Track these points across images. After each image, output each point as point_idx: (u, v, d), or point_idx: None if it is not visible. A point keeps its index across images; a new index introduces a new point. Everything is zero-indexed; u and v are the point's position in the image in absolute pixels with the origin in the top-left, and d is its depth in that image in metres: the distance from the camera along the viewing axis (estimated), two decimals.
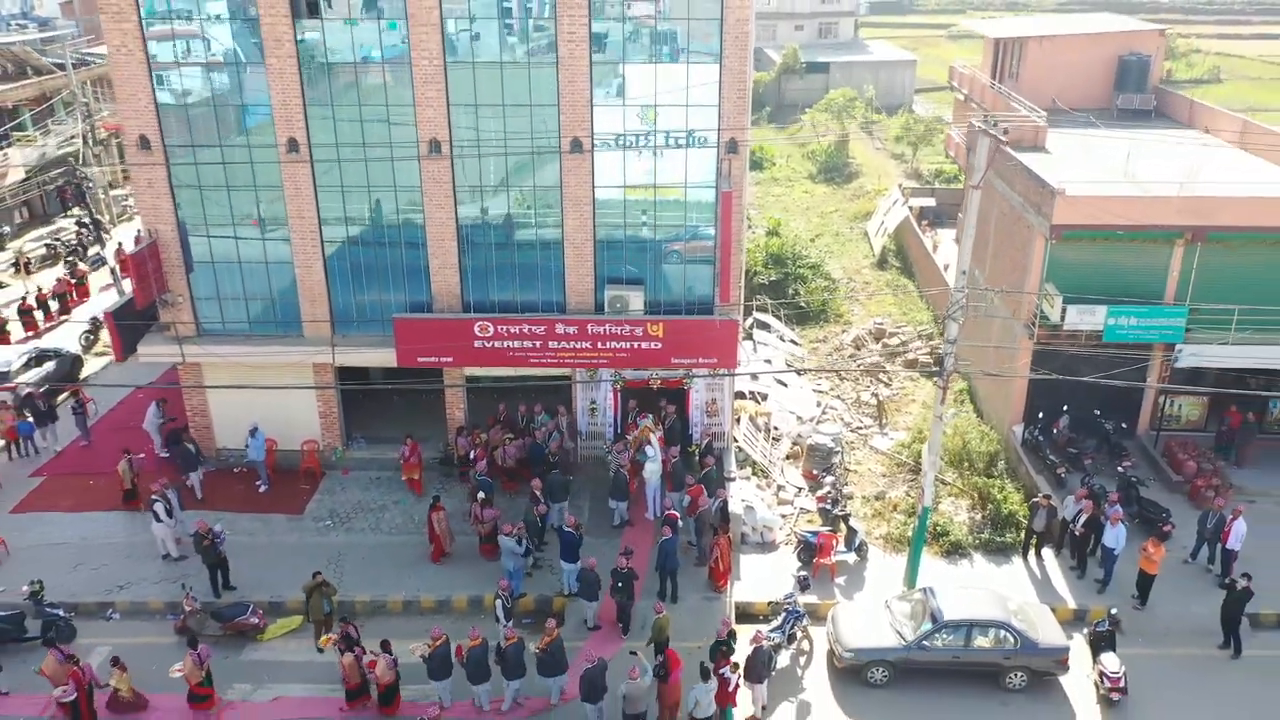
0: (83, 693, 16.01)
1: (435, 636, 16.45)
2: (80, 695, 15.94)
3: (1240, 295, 22.12)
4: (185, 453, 22.13)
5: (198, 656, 16.46)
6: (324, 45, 19.94)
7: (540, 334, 21.31)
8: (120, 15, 19.52)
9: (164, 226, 21.12)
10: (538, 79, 20.18)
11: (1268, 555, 20.07)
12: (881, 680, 17.31)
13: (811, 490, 22.73)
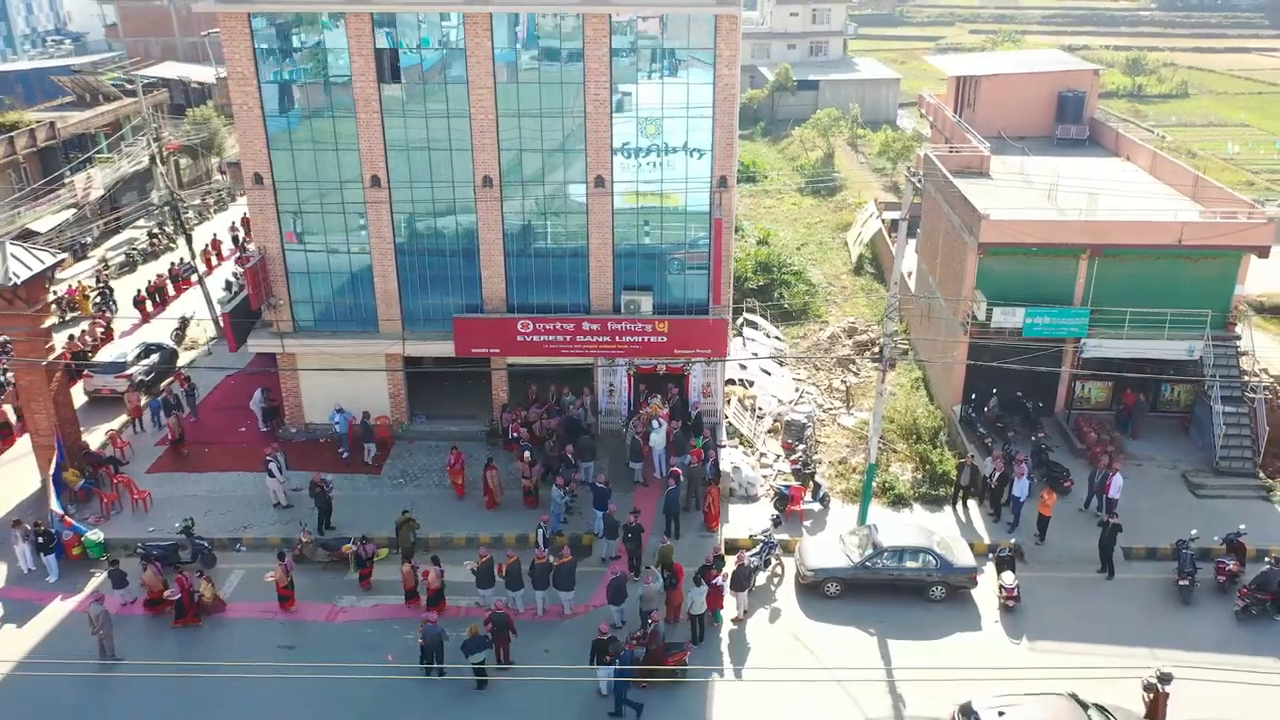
0: (185, 594, 21.47)
1: (482, 556, 21.91)
2: (184, 595, 21.41)
3: (1131, 299, 27.57)
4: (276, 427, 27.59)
5: (285, 567, 21.97)
6: (401, 103, 25.36)
7: (570, 330, 26.78)
8: (243, 80, 24.93)
9: (271, 245, 26.54)
10: (569, 129, 25.64)
11: (1144, 504, 25.49)
12: (835, 593, 22.72)
13: (787, 457, 28.13)
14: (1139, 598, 23.02)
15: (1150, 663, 19.82)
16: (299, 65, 25.18)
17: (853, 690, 20.02)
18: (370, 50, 24.66)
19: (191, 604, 21.77)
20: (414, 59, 24.98)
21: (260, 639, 21.49)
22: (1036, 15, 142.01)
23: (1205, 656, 20.90)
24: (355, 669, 19.66)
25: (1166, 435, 29.05)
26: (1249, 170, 63.57)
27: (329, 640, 21.41)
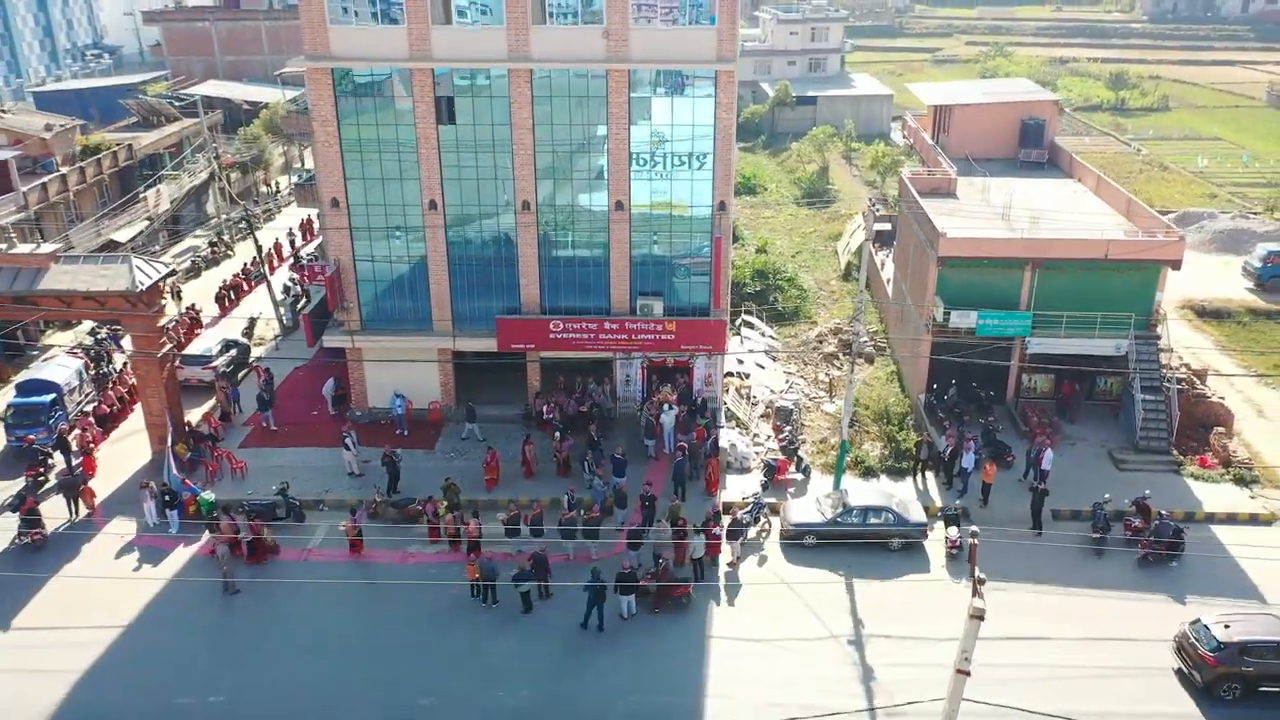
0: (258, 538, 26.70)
1: (510, 510, 27.16)
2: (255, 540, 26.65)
3: (1068, 304, 32.67)
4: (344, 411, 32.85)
5: (355, 521, 27.21)
6: (456, 140, 30.57)
7: (593, 329, 31.99)
8: (325, 122, 30.18)
9: (344, 258, 31.79)
10: (594, 161, 30.86)
11: (1074, 476, 30.49)
12: (812, 543, 27.85)
13: (776, 436, 33.28)
14: (1062, 551, 28.04)
15: (1065, 599, 25.09)
16: (371, 109, 30.39)
17: (823, 616, 25.15)
18: (431, 97, 29.90)
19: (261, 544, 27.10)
20: (467, 104, 30.21)
21: (344, 576, 26.73)
22: (1031, 27, 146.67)
23: (1110, 592, 26.06)
24: (426, 597, 24.91)
25: (1099, 419, 34.16)
26: (1214, 184, 68.45)
27: (402, 576, 26.62)
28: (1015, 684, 21.87)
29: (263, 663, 23.59)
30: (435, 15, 29.06)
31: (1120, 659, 23.59)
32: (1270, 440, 34.02)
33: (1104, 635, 24.29)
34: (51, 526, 28.34)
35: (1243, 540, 28.40)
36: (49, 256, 30.03)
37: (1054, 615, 25.16)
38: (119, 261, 30.22)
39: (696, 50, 29.15)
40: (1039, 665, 23.36)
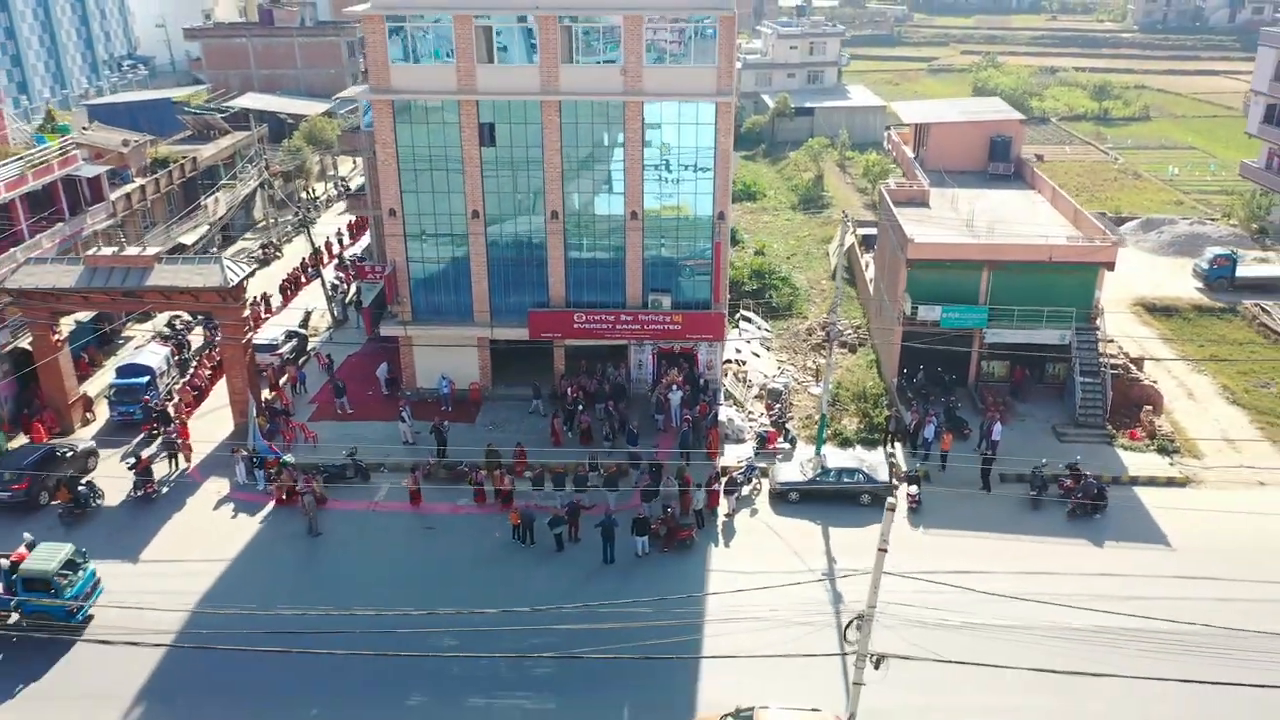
0: (312, 490, 32.09)
1: (535, 469, 32.64)
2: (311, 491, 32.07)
3: (1020, 300, 37.99)
4: (396, 391, 38.35)
5: (415, 477, 32.69)
6: (496, 159, 36.03)
7: (611, 320, 37.42)
8: (385, 144, 35.67)
9: (399, 259, 37.28)
10: (612, 177, 36.31)
11: (1021, 446, 35.74)
12: (795, 499, 33.24)
13: (768, 413, 38.68)
14: (1005, 506, 33.46)
15: (1004, 543, 30.40)
16: (424, 133, 35.85)
17: (803, 556, 30.52)
18: (475, 123, 35.38)
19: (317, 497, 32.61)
20: (505, 130, 35.67)
21: (405, 524, 32.22)
22: (1025, 36, 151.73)
23: (1042, 538, 31.42)
24: (475, 539, 30.38)
25: (1047, 400, 39.53)
26: (1182, 191, 73.64)
27: (453, 523, 32.11)
28: (964, 604, 27.17)
29: (342, 588, 28.92)
30: (480, 55, 34.54)
31: (1044, 586, 28.86)
32: (1196, 418, 39.37)
33: (1034, 570, 29.58)
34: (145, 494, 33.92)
35: (1159, 499, 33.84)
36: (153, 258, 35.60)
37: (994, 556, 30.44)
38: (211, 262, 35.76)
39: (699, 85, 34.61)
40: (980, 592, 28.64)
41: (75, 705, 24.52)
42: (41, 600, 25.92)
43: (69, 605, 26.33)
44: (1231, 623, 24.64)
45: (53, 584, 26.08)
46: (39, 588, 26.04)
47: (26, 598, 25.98)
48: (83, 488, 32.25)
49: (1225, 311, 49.68)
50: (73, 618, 26.40)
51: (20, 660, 25.79)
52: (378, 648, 24.48)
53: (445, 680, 25.25)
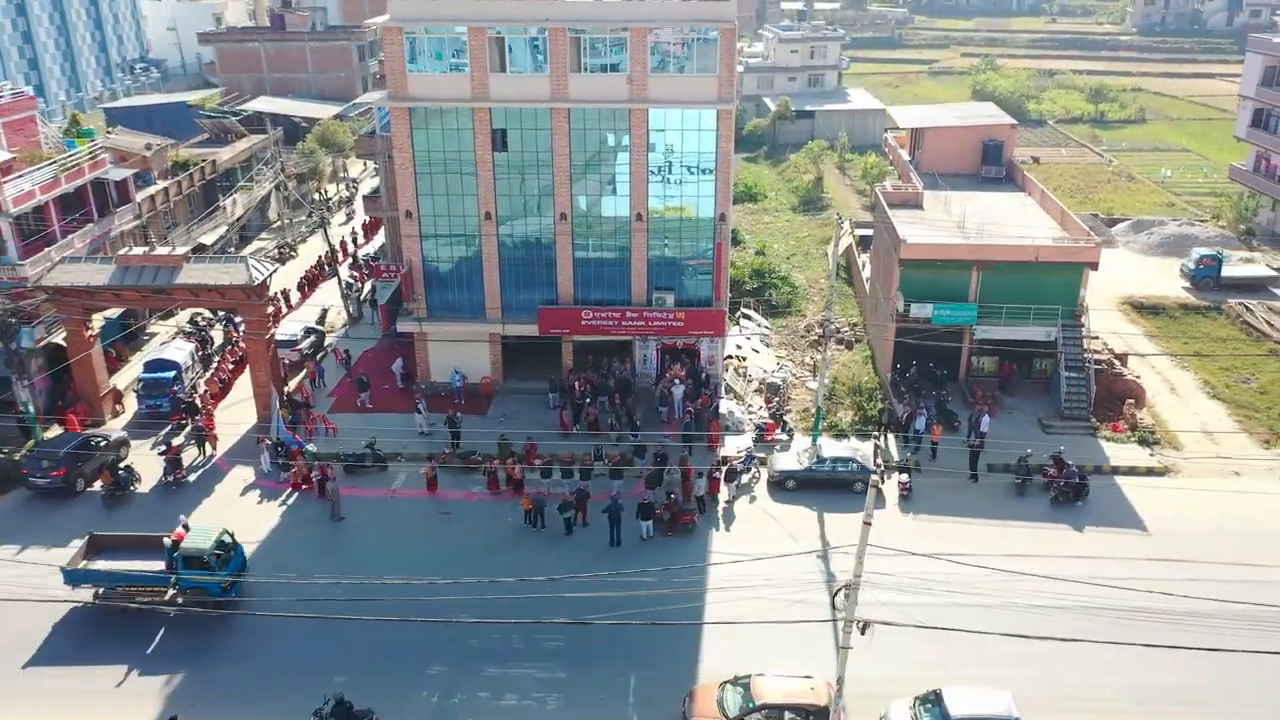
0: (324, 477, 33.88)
1: (545, 459, 34.36)
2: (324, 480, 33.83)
3: (1007, 298, 39.73)
4: (411, 384, 40.15)
5: (432, 466, 34.47)
6: (507, 163, 37.82)
7: (617, 317, 39.20)
8: (403, 149, 37.46)
9: (415, 259, 39.08)
10: (619, 180, 38.09)
11: (1008, 436, 37.49)
12: (792, 486, 35.00)
13: (766, 405, 40.43)
14: (992, 493, 35.23)
15: (989, 529, 32.08)
16: (439, 139, 37.65)
17: (799, 539, 32.27)
18: (488, 129, 37.18)
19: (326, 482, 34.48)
20: (516, 135, 37.47)
21: (422, 509, 34.02)
22: (1025, 39, 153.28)
23: (1027, 522, 33.15)
24: (488, 524, 32.17)
25: (1034, 393, 41.26)
26: (1173, 193, 75.31)
27: (467, 509, 33.91)
28: (951, 583, 28.87)
29: (365, 568, 30.60)
30: (493, 65, 36.35)
31: (1027, 567, 30.54)
32: (1177, 412, 41.11)
33: (1017, 553, 31.27)
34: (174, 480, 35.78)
35: (1138, 487, 35.57)
36: (182, 257, 37.44)
37: (980, 540, 32.14)
38: (237, 261, 37.58)
39: (702, 93, 36.39)
40: (967, 572, 30.37)
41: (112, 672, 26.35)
42: (199, 577, 27.75)
43: (223, 582, 28.17)
44: (1201, 601, 26.29)
45: (209, 562, 27.93)
46: (197, 565, 27.89)
47: (186, 574, 27.81)
48: (123, 472, 34.07)
49: (1210, 310, 51.40)
50: (226, 594, 28.25)
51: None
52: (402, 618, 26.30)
53: (463, 651, 27.06)
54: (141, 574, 28.31)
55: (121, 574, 28.38)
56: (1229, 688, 25.87)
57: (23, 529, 32.48)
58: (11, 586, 26.74)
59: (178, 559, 28.06)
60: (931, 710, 23.92)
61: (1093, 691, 26.02)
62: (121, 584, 28.39)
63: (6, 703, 25.36)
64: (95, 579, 28.46)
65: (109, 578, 28.42)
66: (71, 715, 25.00)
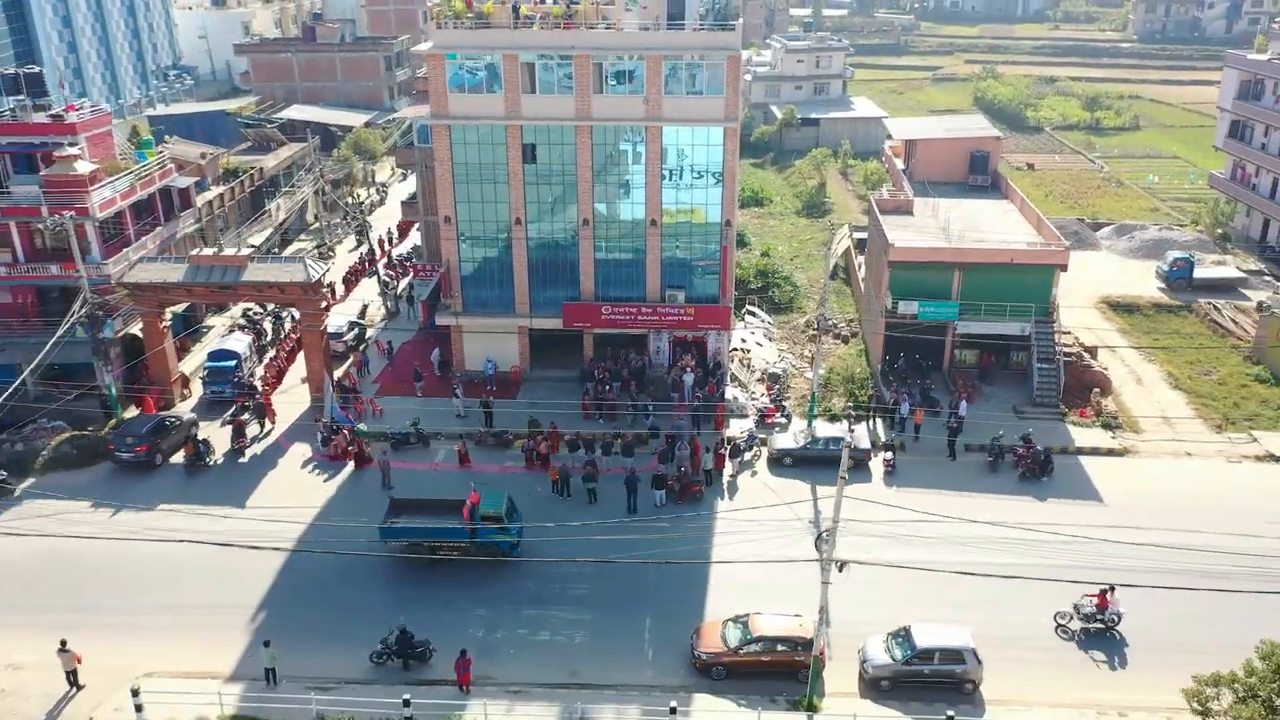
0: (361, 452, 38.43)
1: (565, 436, 38.83)
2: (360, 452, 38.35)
3: (986, 296, 43.99)
4: (447, 372, 44.71)
5: (464, 445, 38.97)
6: (536, 174, 42.31)
7: (633, 312, 43.66)
8: (443, 161, 41.99)
9: (452, 259, 43.62)
10: (636, 189, 42.55)
11: (985, 422, 41.67)
12: (789, 463, 39.36)
13: (768, 393, 44.80)
14: (967, 470, 39.50)
15: (963, 503, 36.34)
16: (476, 152, 42.16)
17: (795, 509, 36.58)
18: (519, 144, 41.66)
19: (363, 457, 38.95)
20: (545, 149, 41.97)
21: (461, 480, 38.35)
22: (1028, 46, 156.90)
23: (996, 494, 37.42)
24: (519, 493, 36.65)
25: (1011, 383, 45.53)
26: (1159, 198, 79.33)
27: (501, 481, 38.34)
28: (931, 544, 33.18)
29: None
30: (524, 86, 40.84)
31: (995, 531, 34.78)
32: (1141, 400, 45.31)
33: (987, 520, 35.52)
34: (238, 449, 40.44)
35: (1098, 465, 39.81)
36: (246, 257, 42.06)
37: (955, 509, 36.37)
38: (295, 261, 42.17)
39: (709, 112, 40.81)
40: (945, 533, 34.60)
41: (199, 613, 30.93)
42: (495, 533, 32.24)
43: (513, 539, 32.77)
44: (1146, 560, 30.50)
45: (504, 521, 32.48)
46: (493, 523, 32.36)
47: (485, 533, 32.23)
48: (202, 445, 38.75)
49: (1181, 309, 55.52)
50: (515, 549, 32.89)
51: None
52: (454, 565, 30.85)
53: (504, 597, 31.55)
54: (445, 529, 32.31)
55: (429, 529, 32.42)
56: (1159, 628, 30.12)
57: (117, 495, 37.04)
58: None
59: (477, 518, 32.25)
60: (902, 643, 28.29)
61: (1039, 631, 30.36)
62: (428, 539, 32.46)
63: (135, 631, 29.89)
64: (406, 534, 32.53)
65: (418, 533, 32.47)
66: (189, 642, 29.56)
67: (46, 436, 39.64)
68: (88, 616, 30.10)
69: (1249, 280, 58.23)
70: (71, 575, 32.57)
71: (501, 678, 28.30)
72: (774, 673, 28.31)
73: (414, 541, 32.73)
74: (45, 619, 29.83)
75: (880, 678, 27.99)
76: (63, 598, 31.43)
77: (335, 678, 28.08)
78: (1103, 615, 29.96)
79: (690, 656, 28.94)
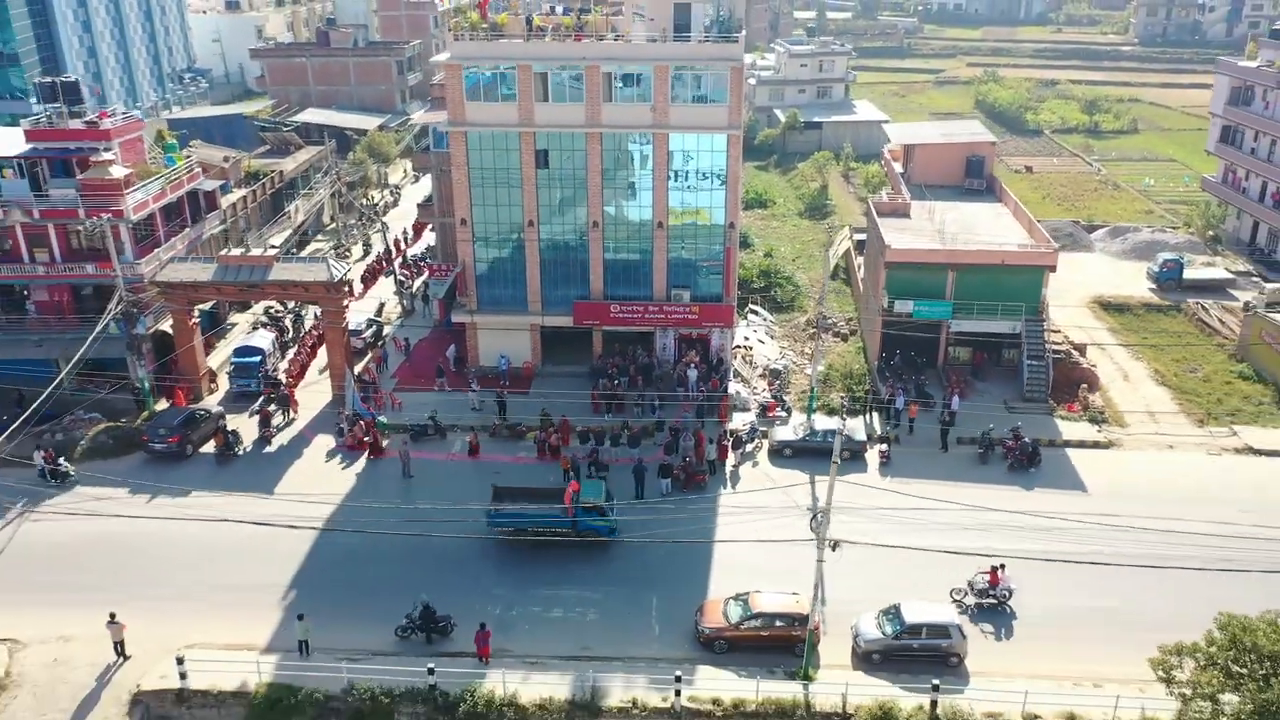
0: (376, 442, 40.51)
1: (577, 430, 40.84)
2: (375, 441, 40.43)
3: (979, 296, 45.94)
4: (462, 368, 46.79)
5: (475, 436, 41.04)
6: (548, 179, 44.35)
7: (640, 310, 45.69)
8: (460, 166, 44.06)
9: (468, 260, 45.68)
10: (643, 193, 44.58)
11: (976, 416, 43.56)
12: (789, 454, 41.34)
13: (769, 388, 46.78)
14: (959, 461, 41.44)
15: (953, 492, 38.28)
16: (491, 157, 44.21)
17: (793, 496, 38.54)
18: (532, 150, 43.71)
19: (378, 447, 41.00)
20: (556, 155, 44.01)
21: (477, 469, 40.48)
22: (1030, 49, 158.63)
23: (986, 484, 39.33)
24: (532, 480, 38.71)
25: (1002, 379, 47.47)
26: (1154, 201, 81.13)
27: (515, 469, 40.39)
28: (922, 529, 35.06)
29: (435, 512, 37.17)
30: (537, 95, 42.87)
31: (984, 515, 36.64)
32: (1128, 396, 47.23)
33: (976, 506, 37.46)
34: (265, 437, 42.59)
35: (1084, 457, 41.73)
36: (273, 258, 44.18)
37: (946, 496, 38.29)
38: (319, 261, 44.27)
39: (714, 120, 42.82)
40: (935, 519, 36.45)
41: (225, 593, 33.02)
42: (595, 520, 34.39)
43: (612, 524, 34.77)
44: (1125, 547, 32.41)
45: (605, 509, 34.67)
46: (594, 511, 34.50)
47: (586, 519, 34.36)
48: (231, 435, 40.87)
49: (1171, 309, 57.42)
50: (613, 534, 34.77)
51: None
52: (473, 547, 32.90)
53: (520, 576, 33.61)
54: (548, 516, 34.28)
55: (533, 516, 34.41)
56: (1133, 608, 32.05)
57: (151, 485, 39.10)
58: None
59: (579, 507, 34.32)
60: (892, 619, 30.27)
61: (1020, 611, 32.30)
62: (532, 524, 34.37)
63: None
64: (513, 520, 34.52)
65: (524, 519, 34.47)
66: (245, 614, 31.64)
67: (84, 427, 41.78)
68: (131, 594, 32.12)
69: (1237, 281, 60.06)
70: (114, 556, 34.67)
71: (518, 650, 30.35)
72: (772, 647, 30.30)
73: (519, 527, 34.53)
74: (91, 596, 31.89)
75: (871, 651, 29.98)
76: (106, 576, 33.53)
77: (364, 650, 30.16)
78: (994, 591, 32.31)
79: (694, 632, 30.95)
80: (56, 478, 38.43)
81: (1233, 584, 31.12)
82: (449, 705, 28.11)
